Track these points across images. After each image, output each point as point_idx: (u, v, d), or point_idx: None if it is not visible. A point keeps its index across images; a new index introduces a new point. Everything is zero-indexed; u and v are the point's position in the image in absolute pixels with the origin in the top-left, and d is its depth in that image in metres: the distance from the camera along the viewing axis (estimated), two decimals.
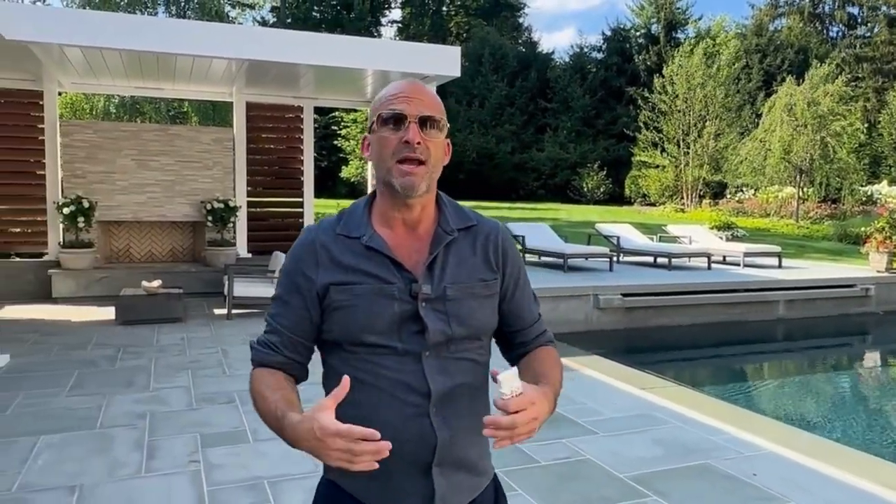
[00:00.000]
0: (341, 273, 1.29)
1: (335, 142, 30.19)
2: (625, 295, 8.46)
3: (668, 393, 5.36)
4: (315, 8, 42.22)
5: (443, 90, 18.98)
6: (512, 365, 1.43)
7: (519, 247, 10.86)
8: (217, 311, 8.68)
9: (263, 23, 42.98)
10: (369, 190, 11.66)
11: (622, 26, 42.29)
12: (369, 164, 11.98)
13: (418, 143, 1.24)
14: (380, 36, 44.24)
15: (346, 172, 29.98)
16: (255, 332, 5.58)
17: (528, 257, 10.97)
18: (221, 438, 4.22)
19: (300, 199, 11.52)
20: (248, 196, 11.16)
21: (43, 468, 3.71)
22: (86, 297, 9.32)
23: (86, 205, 9.47)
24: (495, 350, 1.47)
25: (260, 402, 1.30)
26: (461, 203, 1.44)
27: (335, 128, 30.19)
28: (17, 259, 9.99)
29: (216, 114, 20.37)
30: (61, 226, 9.64)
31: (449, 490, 1.28)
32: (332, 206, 15.17)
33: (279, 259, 9.22)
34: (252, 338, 1.47)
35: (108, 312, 8.07)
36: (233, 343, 6.90)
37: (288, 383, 1.35)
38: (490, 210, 26.15)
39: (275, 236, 11.33)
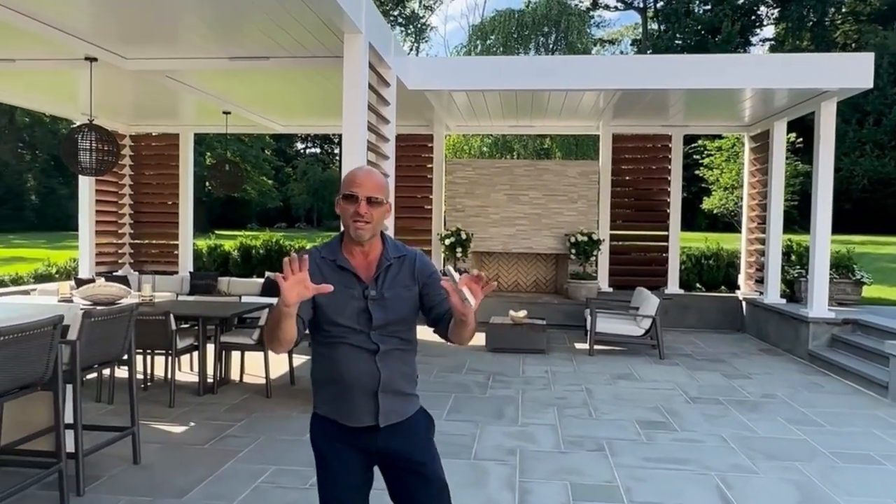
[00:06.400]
0: (326, 282, 1.97)
1: (696, 171, 28.58)
2: None
3: None
4: (678, 35, 41.10)
5: None
6: (437, 326, 2.15)
7: None
8: (578, 346, 8.55)
9: None
10: (745, 222, 10.56)
11: None
12: (718, 192, 10.89)
13: (364, 213, 2.01)
14: None
15: (707, 204, 28.04)
16: (619, 373, 5.14)
17: None
18: (593, 492, 3.90)
19: (664, 233, 10.91)
20: (611, 229, 10.95)
21: None
22: None
23: (464, 236, 10.28)
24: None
25: (268, 325, 1.97)
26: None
27: (696, 157, 28.62)
28: None
29: (578, 148, 20.81)
30: (442, 255, 10.59)
31: (387, 407, 2.05)
32: (699, 240, 14.12)
33: (643, 295, 8.75)
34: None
35: (479, 338, 8.51)
36: (597, 382, 6.62)
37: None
38: (888, 247, 21.86)
39: (637, 271, 10.92)
